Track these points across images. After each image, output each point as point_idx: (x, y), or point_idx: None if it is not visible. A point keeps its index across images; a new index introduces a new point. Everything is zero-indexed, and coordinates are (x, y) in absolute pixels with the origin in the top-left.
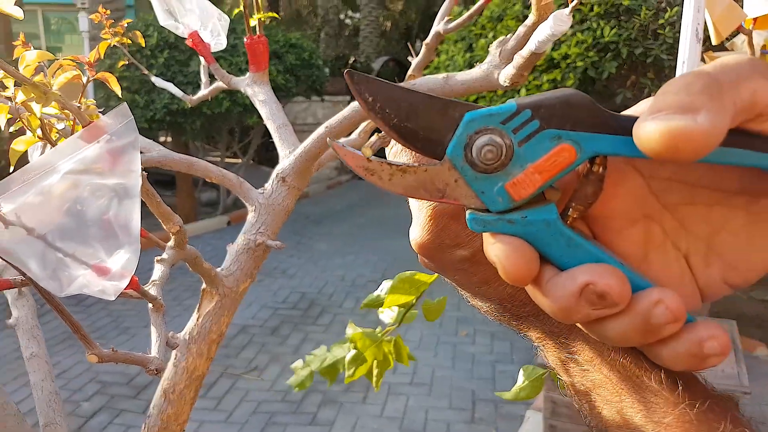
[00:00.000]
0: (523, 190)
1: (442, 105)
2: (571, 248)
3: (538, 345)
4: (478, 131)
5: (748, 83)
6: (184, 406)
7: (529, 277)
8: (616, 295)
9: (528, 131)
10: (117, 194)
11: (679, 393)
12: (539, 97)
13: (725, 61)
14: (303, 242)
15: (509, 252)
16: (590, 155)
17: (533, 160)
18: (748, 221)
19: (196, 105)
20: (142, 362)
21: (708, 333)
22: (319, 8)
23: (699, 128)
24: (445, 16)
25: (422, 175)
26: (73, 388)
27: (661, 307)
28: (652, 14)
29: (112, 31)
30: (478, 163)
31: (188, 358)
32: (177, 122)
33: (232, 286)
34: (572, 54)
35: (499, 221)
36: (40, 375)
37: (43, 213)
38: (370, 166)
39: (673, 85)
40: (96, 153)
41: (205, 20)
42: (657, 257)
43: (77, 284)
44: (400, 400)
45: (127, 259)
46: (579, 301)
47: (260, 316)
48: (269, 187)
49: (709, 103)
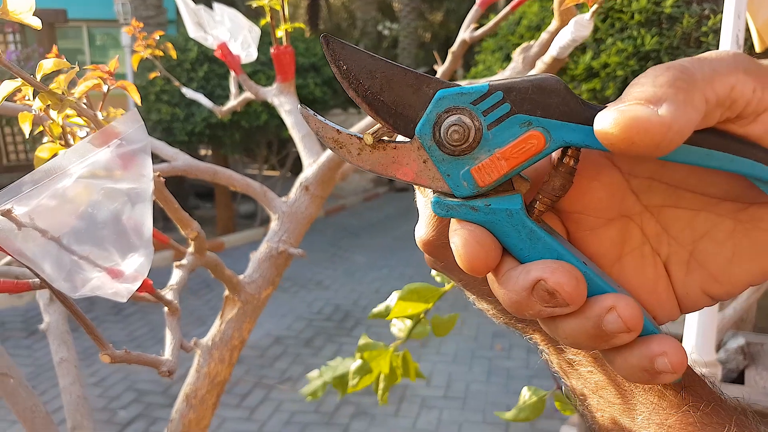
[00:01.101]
0: (488, 176)
1: (416, 80)
2: (532, 241)
3: (543, 348)
4: (447, 110)
5: (726, 78)
6: (206, 411)
7: (485, 267)
8: (567, 294)
9: (498, 114)
10: (130, 198)
11: (683, 395)
12: (513, 80)
13: (705, 54)
14: (339, 254)
15: (467, 240)
16: (560, 145)
17: (501, 145)
18: (735, 230)
19: (235, 118)
20: (154, 364)
21: (660, 349)
22: (359, 20)
23: (658, 120)
24: (470, 24)
25: (391, 152)
26: (110, 396)
27: (613, 314)
28: (695, 22)
29: (144, 44)
30: (446, 143)
31: (210, 364)
32: (216, 135)
33: (254, 293)
34: (612, 63)
35: (463, 207)
36: (69, 379)
37: (56, 216)
38: (340, 139)
39: (642, 76)
40: (107, 157)
41: (236, 32)
42: (632, 260)
43: (91, 286)
44: (433, 413)
45: (140, 263)
46: (530, 297)
47: (295, 327)
48: (292, 196)
49: (674, 96)
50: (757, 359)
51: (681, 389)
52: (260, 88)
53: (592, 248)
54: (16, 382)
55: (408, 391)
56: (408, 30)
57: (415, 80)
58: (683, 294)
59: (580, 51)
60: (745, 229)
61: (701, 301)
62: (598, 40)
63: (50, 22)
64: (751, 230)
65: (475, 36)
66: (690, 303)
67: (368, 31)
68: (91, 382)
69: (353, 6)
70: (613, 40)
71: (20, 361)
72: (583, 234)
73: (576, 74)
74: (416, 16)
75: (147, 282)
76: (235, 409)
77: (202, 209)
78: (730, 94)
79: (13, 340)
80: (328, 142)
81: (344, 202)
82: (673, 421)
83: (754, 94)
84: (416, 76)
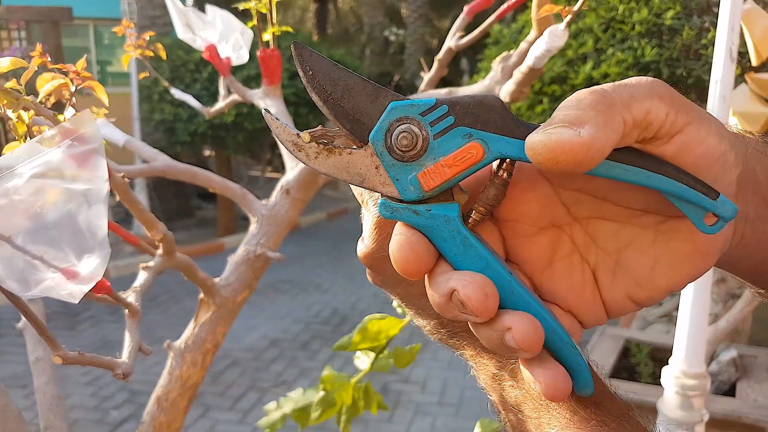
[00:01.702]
0: (432, 180)
1: (374, 91)
2: (465, 248)
3: (472, 363)
4: (399, 119)
5: (642, 103)
6: (177, 414)
7: (416, 271)
8: (473, 307)
9: (443, 126)
10: (87, 199)
11: (592, 410)
12: (457, 96)
13: (626, 80)
14: (339, 257)
15: (402, 245)
16: (497, 156)
17: (445, 153)
18: (656, 240)
19: (238, 120)
20: (109, 366)
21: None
22: (366, 25)
23: (579, 141)
24: (456, 32)
25: (346, 157)
26: (103, 396)
27: (509, 335)
28: (694, 34)
29: (135, 44)
30: (396, 149)
31: (182, 367)
32: (219, 136)
33: (230, 297)
34: (612, 73)
35: (406, 210)
36: (44, 379)
37: (8, 215)
38: (299, 143)
39: (568, 100)
40: (58, 157)
41: (227, 34)
42: (562, 266)
43: (44, 286)
44: (427, 419)
45: (96, 264)
46: (449, 303)
47: (292, 329)
48: (273, 199)
49: (595, 118)
50: (749, 372)
51: (591, 405)
52: (247, 90)
53: (526, 254)
54: None
55: (402, 397)
56: (415, 36)
57: (372, 91)
58: (609, 299)
59: (580, 61)
60: (665, 239)
61: (626, 306)
62: (599, 50)
63: (55, 19)
64: (671, 241)
65: (460, 44)
66: (615, 308)
67: (375, 36)
68: (83, 382)
69: (361, 11)
70: (613, 50)
71: (13, 359)
72: (517, 241)
73: (576, 84)
74: (424, 23)
75: (104, 283)
76: (228, 411)
77: (204, 210)
78: (646, 117)
79: (7, 338)
80: (287, 145)
81: (346, 206)
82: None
83: (667, 117)
84: (374, 87)
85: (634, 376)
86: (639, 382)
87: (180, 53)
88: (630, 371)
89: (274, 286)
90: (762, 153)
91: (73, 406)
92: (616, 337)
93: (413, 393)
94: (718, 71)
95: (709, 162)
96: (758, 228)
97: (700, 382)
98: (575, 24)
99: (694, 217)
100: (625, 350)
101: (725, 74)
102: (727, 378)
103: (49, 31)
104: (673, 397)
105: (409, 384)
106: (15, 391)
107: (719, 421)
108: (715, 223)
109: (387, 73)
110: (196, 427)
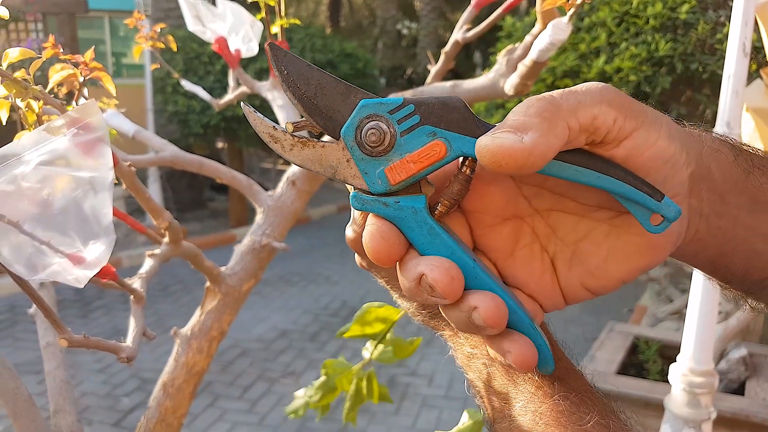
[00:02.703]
0: (398, 175)
1: (345, 89)
2: (432, 237)
3: (450, 344)
4: (369, 116)
5: (589, 109)
6: (183, 399)
7: (388, 258)
8: (441, 290)
9: (410, 124)
10: (92, 187)
11: (555, 386)
12: (423, 97)
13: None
14: (348, 250)
15: (373, 234)
16: (458, 154)
17: (410, 150)
18: (610, 234)
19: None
20: (114, 350)
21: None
22: (379, 18)
23: (520, 147)
24: (464, 25)
25: (319, 150)
26: (114, 383)
27: (476, 313)
28: (709, 28)
29: (147, 36)
30: (365, 144)
31: (188, 354)
32: (231, 128)
33: (235, 286)
34: (625, 67)
35: (376, 202)
36: (54, 363)
37: (15, 201)
38: (275, 135)
39: (519, 106)
40: (65, 145)
41: (237, 26)
42: (523, 255)
43: (51, 271)
44: (433, 413)
45: (102, 250)
46: (418, 287)
47: (301, 321)
48: (279, 190)
49: (539, 125)
50: (759, 370)
51: (554, 381)
52: (255, 83)
53: (490, 243)
54: (0, 364)
55: (410, 390)
56: (428, 29)
57: (344, 89)
58: (566, 286)
59: (594, 55)
60: (618, 233)
61: (581, 294)
62: (612, 44)
63: (71, 11)
64: (623, 234)
65: (467, 37)
66: (572, 295)
67: (388, 29)
68: (95, 369)
69: (374, 4)
70: (627, 44)
71: (28, 345)
72: (482, 230)
73: (589, 78)
74: (437, 16)
75: (110, 269)
76: (236, 401)
77: (216, 201)
78: (593, 123)
79: (22, 324)
80: (264, 136)
81: None
82: (545, 408)
83: (615, 123)
84: (345, 86)
85: (643, 373)
86: (647, 379)
87: (193, 45)
88: (638, 368)
89: (284, 277)
90: (717, 151)
91: (84, 393)
92: (625, 334)
93: (420, 386)
94: (731, 66)
95: (658, 164)
96: (713, 223)
97: (707, 379)
98: (588, 17)
99: (641, 217)
100: (634, 347)
101: (738, 69)
102: (737, 376)
103: (65, 23)
104: (680, 394)
105: (417, 377)
106: (28, 377)
107: (727, 420)
108: (660, 223)
109: (399, 66)
110: (205, 415)
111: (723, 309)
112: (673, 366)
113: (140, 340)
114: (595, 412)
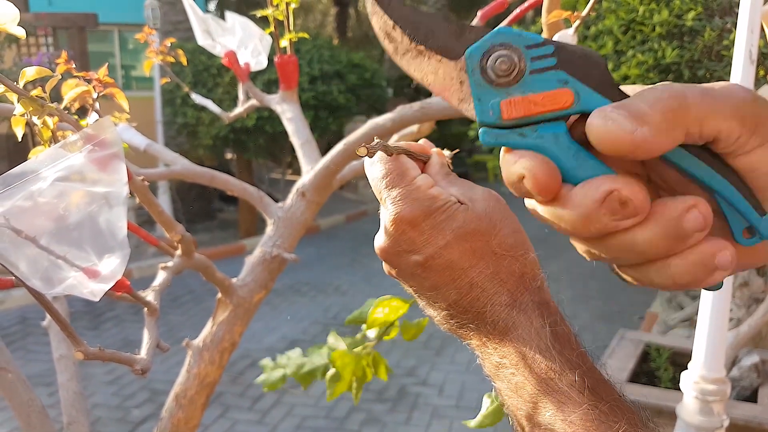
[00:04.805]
0: (515, 111)
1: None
2: (579, 161)
3: (478, 353)
4: (502, 44)
5: (717, 121)
6: (195, 411)
7: (556, 187)
8: (639, 202)
9: (543, 65)
10: (107, 202)
11: (585, 395)
12: (566, 42)
13: (716, 89)
14: (358, 260)
15: (537, 163)
16: (583, 109)
17: (535, 90)
18: None
19: (259, 123)
20: (128, 362)
21: (719, 246)
22: None
23: (629, 139)
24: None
25: (435, 63)
26: (124, 395)
27: (694, 212)
28: (716, 35)
29: (156, 51)
30: (489, 71)
31: (200, 365)
32: (240, 140)
33: (246, 297)
34: (632, 75)
35: (511, 134)
36: (67, 375)
37: (32, 217)
38: (393, 34)
39: (650, 91)
40: (80, 161)
41: (246, 40)
42: None
43: (67, 285)
44: (444, 423)
45: (117, 264)
46: (600, 209)
47: (311, 331)
48: (289, 202)
49: (657, 124)
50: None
51: (584, 389)
52: (265, 96)
53: None
54: (14, 376)
55: (420, 400)
56: None
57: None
58: None
59: None
60: None
61: None
62: (619, 51)
63: (81, 25)
64: None
65: None
66: None
67: None
68: (106, 381)
69: None
70: (633, 52)
71: (39, 357)
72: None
73: None
74: None
75: (124, 282)
76: (247, 411)
77: (226, 212)
78: (716, 135)
79: (33, 336)
80: (379, 32)
81: (366, 208)
82: (575, 417)
83: (738, 140)
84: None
85: (654, 380)
86: (658, 387)
87: (202, 58)
88: (650, 376)
89: (294, 287)
90: None
91: (95, 405)
92: (636, 342)
93: (431, 396)
94: (738, 73)
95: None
96: None
97: (719, 387)
98: (595, 26)
99: (735, 225)
100: (645, 354)
101: (745, 76)
102: (749, 384)
103: (75, 37)
104: (692, 402)
105: (427, 387)
106: (40, 389)
107: (740, 428)
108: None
109: (407, 76)
110: (215, 426)
111: (734, 316)
112: (684, 373)
113: (153, 352)
114: (623, 421)
